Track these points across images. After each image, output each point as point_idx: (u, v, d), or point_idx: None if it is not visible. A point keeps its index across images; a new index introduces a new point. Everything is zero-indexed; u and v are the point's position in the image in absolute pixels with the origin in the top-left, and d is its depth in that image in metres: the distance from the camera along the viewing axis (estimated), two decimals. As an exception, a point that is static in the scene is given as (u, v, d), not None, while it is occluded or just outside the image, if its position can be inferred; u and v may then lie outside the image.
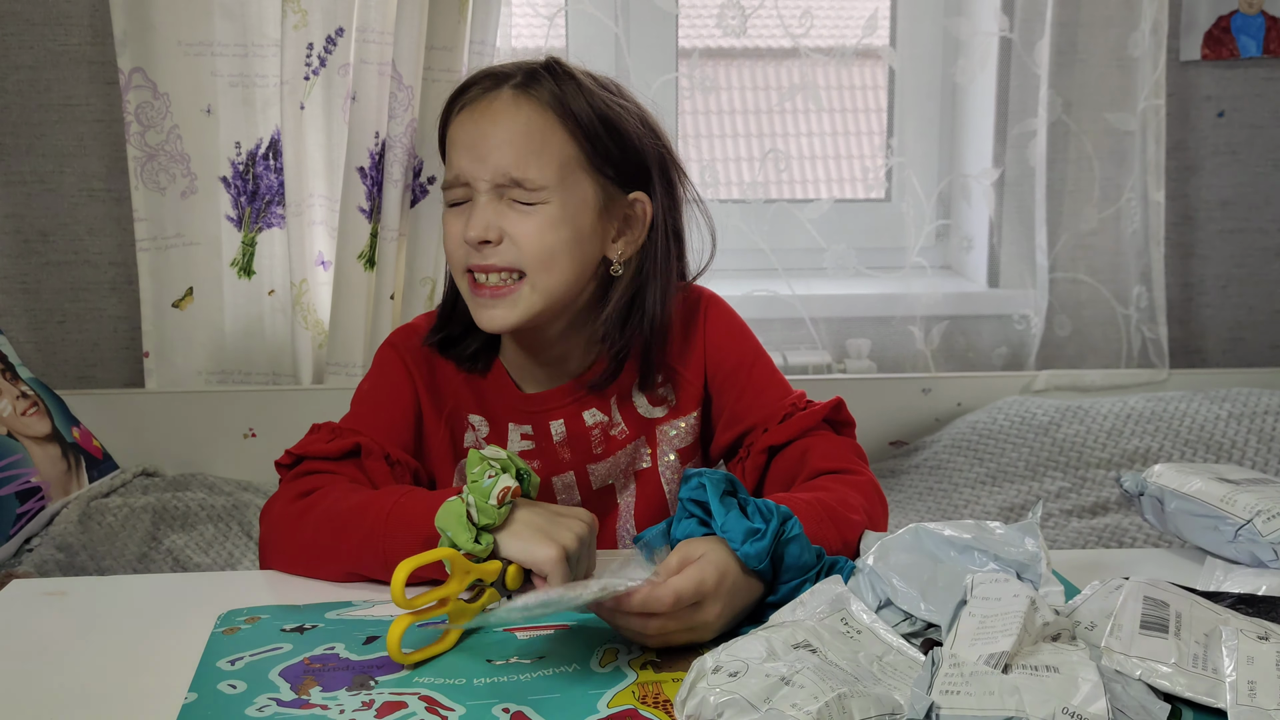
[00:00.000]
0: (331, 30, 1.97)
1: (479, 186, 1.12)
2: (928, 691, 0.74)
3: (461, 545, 0.95)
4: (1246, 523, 1.01)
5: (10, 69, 2.03)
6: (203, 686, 0.85)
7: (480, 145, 1.12)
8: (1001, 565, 0.90)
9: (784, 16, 2.17)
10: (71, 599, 1.01)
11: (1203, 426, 1.96)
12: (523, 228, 1.12)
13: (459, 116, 1.15)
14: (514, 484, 0.98)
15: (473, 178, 1.13)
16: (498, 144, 1.12)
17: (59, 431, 1.82)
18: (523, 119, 1.12)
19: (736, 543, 0.93)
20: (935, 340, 2.28)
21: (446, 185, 1.16)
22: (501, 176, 1.11)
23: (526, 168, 1.11)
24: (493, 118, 1.13)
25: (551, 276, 1.13)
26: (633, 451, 1.24)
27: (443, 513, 0.97)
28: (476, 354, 1.21)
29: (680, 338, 1.23)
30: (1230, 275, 2.38)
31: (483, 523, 0.96)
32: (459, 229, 1.14)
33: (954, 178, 2.33)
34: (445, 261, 1.23)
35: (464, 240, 1.12)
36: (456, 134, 1.15)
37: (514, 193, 1.12)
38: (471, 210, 1.13)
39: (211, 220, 2.05)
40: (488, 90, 1.14)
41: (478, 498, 0.96)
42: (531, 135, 1.12)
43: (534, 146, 1.12)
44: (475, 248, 1.12)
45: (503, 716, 0.81)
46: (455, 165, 1.14)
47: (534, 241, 1.12)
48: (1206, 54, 2.26)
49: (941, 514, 1.90)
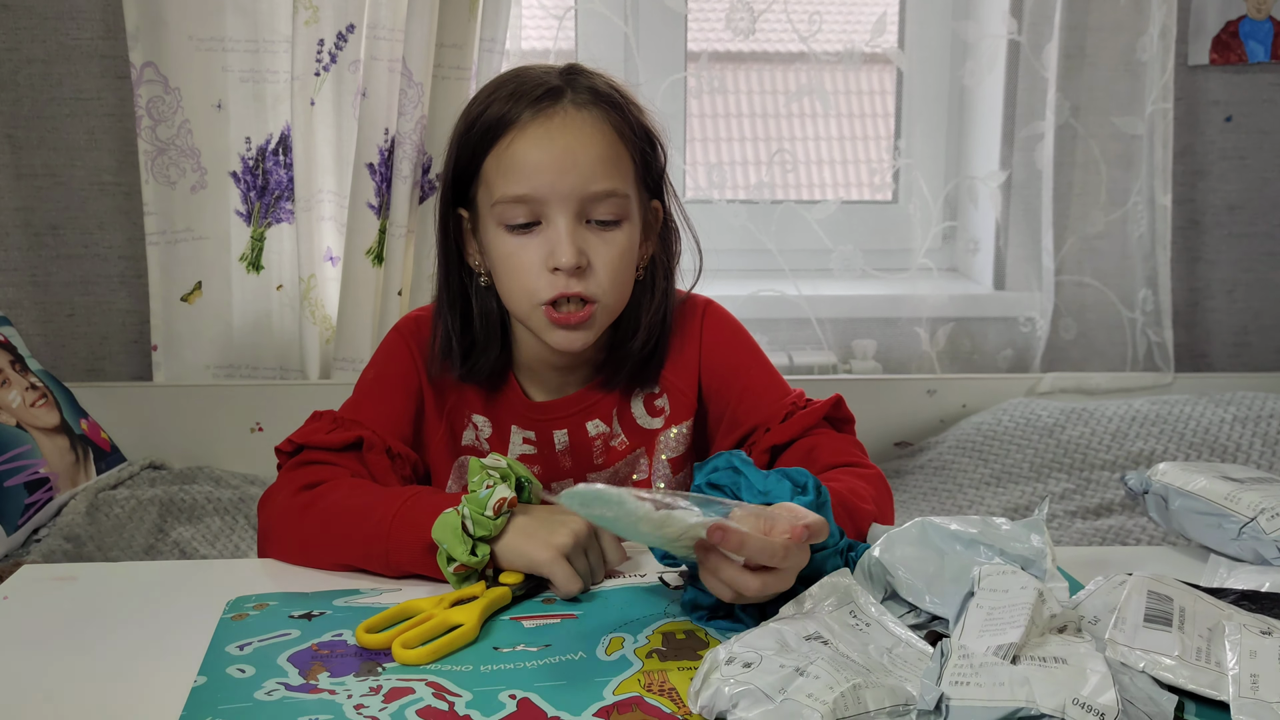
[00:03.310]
0: (342, 27, 1.97)
1: (560, 207, 1.07)
2: (937, 682, 0.74)
3: (457, 557, 0.96)
4: (1250, 521, 1.01)
5: (22, 62, 2.04)
6: (212, 670, 0.85)
7: (562, 160, 1.07)
8: (1007, 560, 0.90)
9: (793, 18, 2.17)
10: (82, 584, 1.02)
11: (1207, 430, 1.97)
12: (604, 255, 1.09)
13: (524, 133, 1.08)
14: (511, 494, 0.98)
15: (552, 195, 1.07)
16: (580, 159, 1.07)
17: (67, 423, 1.83)
18: (598, 133, 1.09)
19: (794, 498, 0.92)
20: (941, 342, 2.29)
21: (503, 202, 1.09)
22: (586, 192, 1.07)
23: (611, 181, 1.09)
24: (569, 131, 1.08)
25: (619, 298, 1.14)
26: (631, 462, 1.24)
27: (439, 525, 0.97)
28: (494, 372, 1.20)
29: (677, 347, 1.22)
30: (1236, 280, 2.38)
31: (479, 534, 0.97)
32: (536, 258, 1.08)
33: (961, 180, 2.34)
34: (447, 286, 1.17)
35: (553, 267, 1.07)
36: (525, 152, 1.08)
37: (598, 211, 1.09)
38: (549, 235, 1.08)
39: (221, 215, 2.06)
40: (543, 106, 1.09)
41: (474, 509, 0.97)
42: (607, 149, 1.09)
43: (612, 160, 1.09)
44: (570, 275, 1.08)
45: (509, 703, 0.81)
46: (525, 183, 1.07)
47: (612, 269, 1.10)
48: (1215, 59, 2.26)
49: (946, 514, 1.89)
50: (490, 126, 1.09)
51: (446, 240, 1.17)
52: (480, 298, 1.17)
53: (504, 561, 0.98)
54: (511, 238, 1.10)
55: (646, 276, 1.19)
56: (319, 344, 2.08)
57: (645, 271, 1.18)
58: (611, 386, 1.21)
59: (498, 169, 1.09)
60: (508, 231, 1.10)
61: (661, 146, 1.17)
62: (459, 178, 1.14)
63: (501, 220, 1.10)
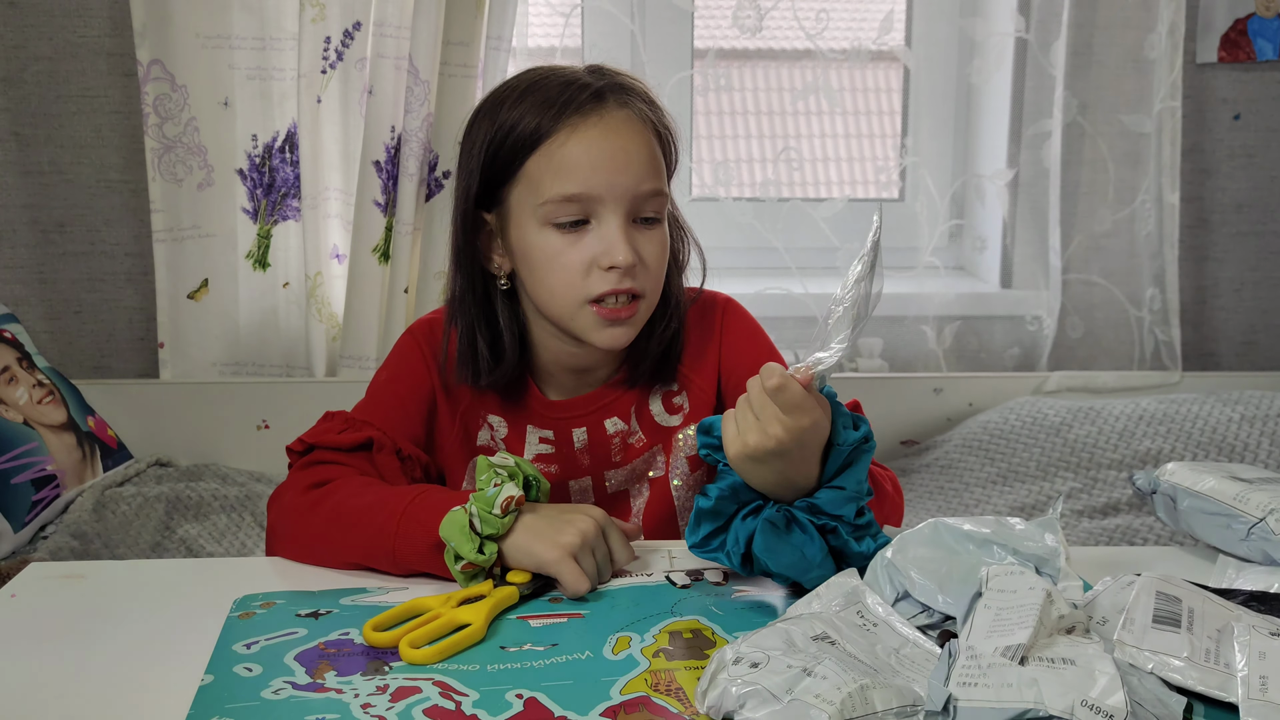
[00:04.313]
0: (349, 24, 1.97)
1: (614, 207, 1.08)
2: (945, 683, 0.74)
3: (465, 555, 0.96)
4: (1259, 521, 1.01)
5: (30, 60, 2.05)
6: (219, 669, 0.85)
7: (617, 159, 1.08)
8: (1020, 560, 0.90)
9: (799, 15, 2.17)
10: (89, 582, 1.02)
11: (1214, 429, 1.96)
12: (651, 251, 1.11)
13: (577, 133, 1.08)
14: (518, 492, 0.98)
15: (607, 195, 1.08)
16: (634, 158, 1.09)
17: (74, 420, 1.83)
18: (645, 133, 1.11)
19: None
20: (947, 340, 2.28)
21: (553, 201, 1.09)
22: (639, 191, 1.09)
23: (658, 180, 1.11)
24: (623, 132, 1.09)
25: (657, 295, 1.15)
26: (649, 459, 1.24)
27: (446, 523, 0.97)
28: (513, 378, 1.19)
29: (696, 343, 1.23)
30: (1244, 279, 2.37)
31: (486, 532, 0.96)
32: (584, 255, 1.09)
33: (968, 178, 2.33)
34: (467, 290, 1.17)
35: (609, 266, 1.08)
36: (580, 152, 1.08)
37: (645, 210, 1.10)
38: (600, 234, 1.09)
39: (227, 212, 2.06)
40: (592, 107, 1.09)
41: (482, 507, 0.96)
42: (652, 149, 1.11)
43: (656, 159, 1.11)
44: (625, 272, 1.09)
45: (516, 702, 0.81)
46: (580, 182, 1.08)
47: (658, 264, 1.12)
48: (1223, 56, 2.26)
49: (952, 513, 1.90)
50: (535, 128, 1.09)
51: (468, 244, 1.16)
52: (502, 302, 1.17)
53: (511, 560, 0.98)
54: (559, 236, 1.10)
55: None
56: (325, 341, 2.08)
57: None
58: (631, 385, 1.21)
59: (548, 168, 1.09)
60: (555, 230, 1.10)
61: (675, 147, 1.17)
62: (491, 180, 1.13)
63: (549, 219, 1.10)
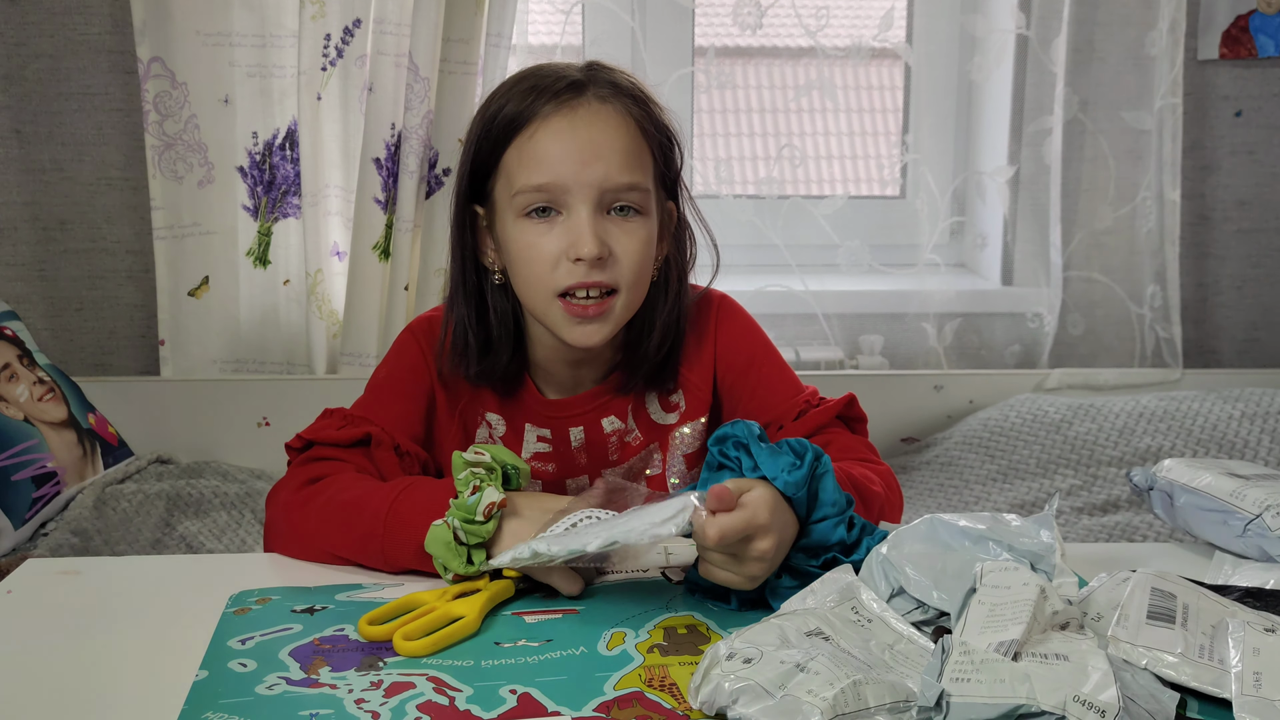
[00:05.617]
0: (349, 22, 1.98)
1: (581, 195, 1.08)
2: (938, 679, 0.74)
3: (453, 569, 0.96)
4: (1256, 517, 1.01)
5: (30, 57, 2.05)
6: (213, 665, 0.86)
7: (585, 150, 1.07)
8: (1016, 556, 0.90)
9: (800, 12, 2.17)
10: (85, 579, 1.02)
11: (1215, 426, 1.96)
12: (626, 244, 1.09)
13: (547, 125, 1.09)
14: (499, 497, 0.97)
15: (574, 185, 1.08)
16: (604, 150, 1.08)
17: (75, 418, 1.83)
18: (621, 126, 1.10)
19: (777, 476, 0.93)
20: (948, 337, 2.28)
21: (524, 191, 1.09)
22: (610, 183, 1.08)
23: (634, 174, 1.09)
24: (595, 124, 1.09)
25: (638, 292, 1.13)
26: (646, 457, 1.25)
27: (431, 539, 0.97)
28: (508, 374, 1.19)
29: (692, 342, 1.23)
30: (1246, 276, 2.37)
31: (471, 542, 0.96)
32: (553, 247, 1.08)
33: (969, 175, 2.33)
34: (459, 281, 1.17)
35: (575, 258, 1.08)
36: (547, 143, 1.08)
37: (623, 200, 1.09)
38: (569, 225, 1.08)
39: (228, 210, 2.06)
40: (566, 98, 1.09)
41: (462, 517, 0.96)
42: (630, 142, 1.10)
43: (634, 154, 1.10)
44: (591, 264, 1.08)
45: (509, 698, 0.81)
46: (547, 172, 1.08)
47: (634, 258, 1.10)
48: (1224, 53, 2.25)
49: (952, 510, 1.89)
50: (512, 120, 1.10)
51: (462, 237, 1.16)
52: (495, 296, 1.17)
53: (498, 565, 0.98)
54: (531, 226, 1.10)
55: (660, 278, 1.19)
56: (326, 339, 2.08)
57: (659, 273, 1.18)
58: (628, 390, 1.21)
59: (519, 160, 1.10)
60: (527, 220, 1.10)
61: (679, 147, 1.17)
62: (477, 173, 1.14)
63: (521, 210, 1.10)
